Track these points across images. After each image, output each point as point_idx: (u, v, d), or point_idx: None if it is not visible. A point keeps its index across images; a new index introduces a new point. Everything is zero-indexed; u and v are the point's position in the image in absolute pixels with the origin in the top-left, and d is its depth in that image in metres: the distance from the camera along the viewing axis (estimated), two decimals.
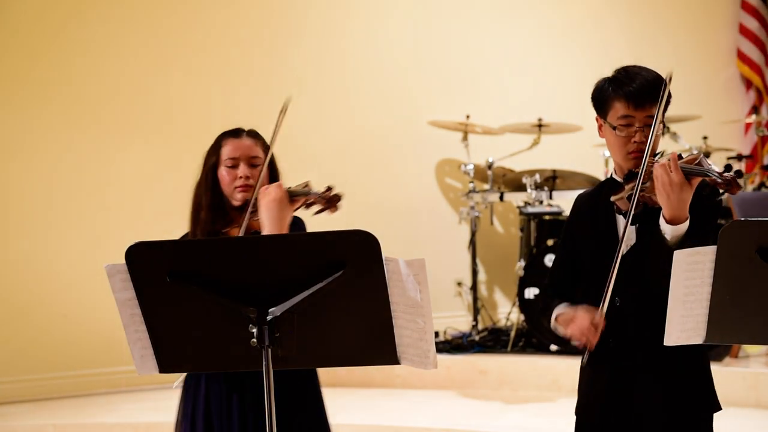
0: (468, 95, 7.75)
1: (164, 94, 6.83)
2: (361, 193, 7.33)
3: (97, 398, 6.37)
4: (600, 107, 3.06)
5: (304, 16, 7.36)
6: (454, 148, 7.49)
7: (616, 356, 2.97)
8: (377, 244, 2.38)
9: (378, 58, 7.55)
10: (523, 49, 8.14)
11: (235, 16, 7.10)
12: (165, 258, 2.46)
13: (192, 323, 2.52)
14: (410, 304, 2.40)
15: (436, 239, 7.61)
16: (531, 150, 7.27)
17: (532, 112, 7.28)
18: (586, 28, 8.41)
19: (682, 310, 2.48)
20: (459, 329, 7.23)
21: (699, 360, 2.98)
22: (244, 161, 3.26)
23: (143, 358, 2.54)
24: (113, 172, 6.69)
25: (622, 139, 2.97)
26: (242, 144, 3.28)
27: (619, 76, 3.02)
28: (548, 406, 6.01)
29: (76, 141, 6.61)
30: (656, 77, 2.98)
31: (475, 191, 7.12)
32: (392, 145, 7.58)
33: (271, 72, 7.14)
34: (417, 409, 6.05)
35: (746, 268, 2.40)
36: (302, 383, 3.29)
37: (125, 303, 2.49)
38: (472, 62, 7.91)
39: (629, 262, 2.91)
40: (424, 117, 7.44)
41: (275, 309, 2.43)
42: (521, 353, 6.65)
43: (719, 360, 6.15)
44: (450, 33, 7.86)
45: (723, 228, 2.41)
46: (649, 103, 2.94)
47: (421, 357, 2.43)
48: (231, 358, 2.61)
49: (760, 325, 2.48)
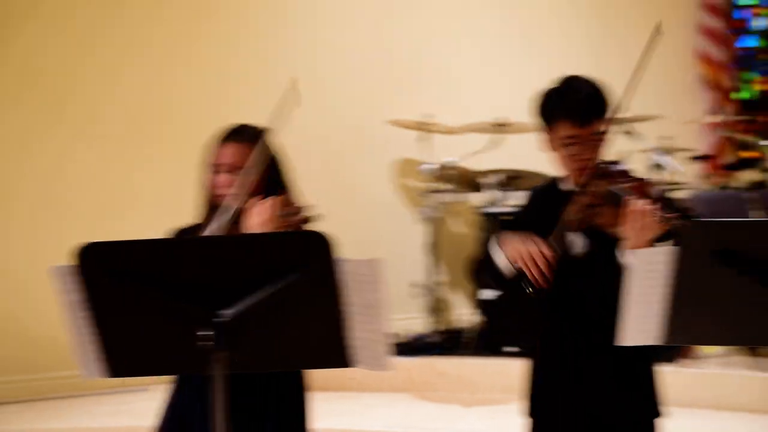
0: (427, 94, 7.72)
1: (121, 91, 6.74)
2: (317, 193, 7.19)
3: (44, 403, 6.24)
4: (543, 123, 3.03)
5: (274, 16, 7.29)
6: (413, 147, 7.45)
7: (569, 337, 2.95)
8: (331, 245, 2.35)
9: (336, 57, 7.50)
10: (483, 48, 8.12)
11: (194, 14, 7.02)
12: (112, 259, 2.41)
13: (141, 326, 2.48)
14: (366, 305, 2.37)
15: (393, 240, 7.57)
16: (490, 150, 7.25)
17: (492, 111, 7.26)
18: (546, 28, 8.41)
19: (638, 311, 2.46)
20: (416, 331, 7.19)
21: (647, 364, 2.97)
22: (225, 169, 3.11)
23: (90, 363, 2.50)
24: (63, 171, 6.58)
25: (568, 157, 2.94)
26: (224, 152, 3.13)
27: (560, 92, 2.98)
28: (506, 408, 5.96)
29: (26, 140, 6.50)
30: (595, 89, 2.97)
31: (434, 191, 7.09)
32: (350, 145, 7.53)
33: (228, 73, 7.07)
34: (373, 412, 6.01)
35: (703, 269, 2.38)
36: (292, 394, 3.18)
37: (71, 305, 2.44)
38: (431, 61, 7.88)
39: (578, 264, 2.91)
40: (382, 116, 7.39)
41: (227, 311, 2.39)
42: (479, 355, 6.62)
43: (671, 361, 6.15)
44: (409, 32, 7.82)
45: (670, 223, 2.40)
46: (594, 120, 2.92)
47: (376, 359, 2.40)
48: (182, 362, 2.56)
49: (717, 326, 2.47)
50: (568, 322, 2.95)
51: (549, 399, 3.01)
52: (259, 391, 3.06)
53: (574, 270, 2.94)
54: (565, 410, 2.97)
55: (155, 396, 3.17)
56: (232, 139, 3.15)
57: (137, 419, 5.58)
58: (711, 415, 5.75)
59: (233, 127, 3.21)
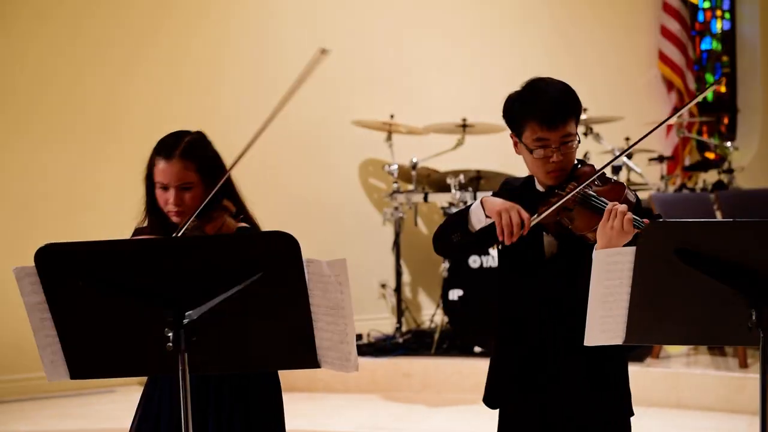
0: (392, 95, 7.72)
1: (83, 91, 6.70)
2: (283, 193, 7.27)
3: (8, 405, 6.18)
4: (513, 126, 3.01)
5: (229, 17, 7.26)
6: (378, 148, 7.46)
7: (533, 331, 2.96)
8: (297, 246, 2.34)
9: (301, 56, 7.46)
10: (447, 48, 8.14)
11: (156, 16, 6.98)
12: (76, 260, 2.39)
13: (105, 327, 2.46)
14: (331, 306, 2.37)
15: (359, 240, 7.57)
16: (455, 150, 7.27)
17: (457, 112, 7.29)
18: (510, 29, 8.44)
19: (602, 311, 2.47)
20: (383, 332, 7.20)
21: (617, 362, 2.98)
22: (174, 187, 3.01)
23: (54, 364, 2.48)
24: (28, 170, 6.53)
25: (539, 159, 2.93)
26: (171, 169, 3.00)
27: (527, 95, 2.95)
28: (472, 409, 5.99)
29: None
30: (564, 91, 2.94)
31: (399, 192, 7.10)
32: (315, 145, 7.52)
33: (197, 71, 7.04)
34: (340, 413, 6.01)
35: (665, 269, 2.40)
36: (264, 397, 3.13)
37: (35, 307, 2.43)
38: (397, 62, 7.88)
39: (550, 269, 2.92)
40: (347, 116, 7.39)
41: (192, 312, 2.38)
42: (445, 355, 6.63)
43: (640, 360, 6.20)
44: (374, 32, 7.82)
45: (642, 228, 2.41)
46: (563, 122, 2.90)
47: (342, 360, 2.40)
48: (146, 363, 2.56)
49: (680, 325, 2.48)
50: (542, 323, 2.95)
51: (522, 398, 3.01)
52: (228, 392, 3.04)
53: (547, 271, 2.94)
54: (540, 409, 2.97)
55: (121, 398, 3.15)
56: (178, 155, 3.02)
57: (103, 421, 5.54)
58: (675, 414, 5.78)
59: (168, 142, 3.07)
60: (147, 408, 3.14)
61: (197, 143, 3.09)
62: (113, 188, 6.52)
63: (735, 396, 5.81)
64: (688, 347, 6.53)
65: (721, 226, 2.60)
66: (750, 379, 5.81)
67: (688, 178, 8.84)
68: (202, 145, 3.10)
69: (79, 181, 6.63)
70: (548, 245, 2.94)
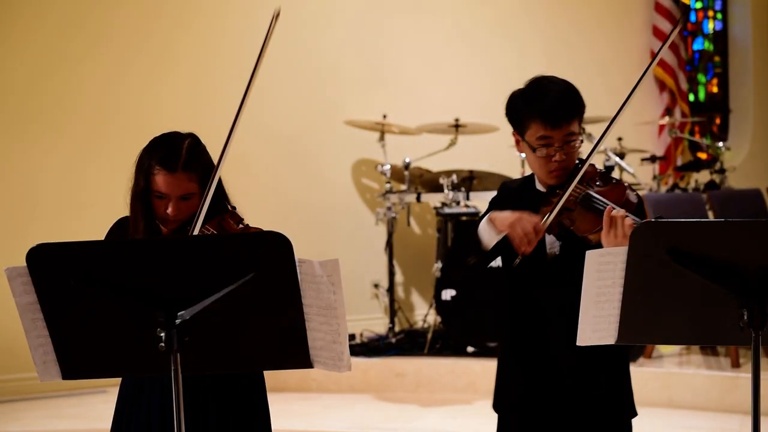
0: (385, 95, 7.72)
1: (78, 91, 6.68)
2: (276, 193, 7.26)
3: (0, 406, 6.17)
4: (516, 124, 2.99)
5: (221, 17, 7.25)
6: (371, 148, 7.45)
7: (539, 344, 2.95)
8: (289, 246, 2.34)
9: (294, 57, 7.48)
10: (440, 48, 8.13)
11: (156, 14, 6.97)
12: (68, 260, 2.38)
13: (97, 328, 2.45)
14: (324, 306, 2.37)
15: (352, 240, 7.56)
16: (448, 150, 7.27)
17: (449, 112, 7.28)
18: (503, 29, 8.44)
19: (595, 311, 2.47)
20: (375, 332, 7.19)
21: (619, 363, 2.98)
22: (174, 198, 2.97)
23: (46, 365, 2.47)
24: (19, 171, 6.51)
25: (542, 158, 2.93)
26: (174, 182, 2.95)
27: (531, 93, 2.94)
28: (465, 408, 6.01)
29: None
30: (568, 90, 2.94)
31: (392, 192, 7.09)
32: (308, 145, 7.51)
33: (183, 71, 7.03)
34: (333, 413, 6.01)
35: (657, 269, 2.40)
36: (248, 395, 3.11)
37: (26, 307, 2.42)
38: (389, 62, 7.88)
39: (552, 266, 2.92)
40: (340, 116, 7.38)
41: (184, 312, 2.37)
42: (438, 355, 6.63)
43: (634, 360, 6.20)
44: (366, 32, 7.82)
45: (634, 229, 2.41)
46: (566, 121, 2.89)
47: (335, 360, 2.39)
48: (138, 364, 2.54)
49: (672, 325, 2.49)
50: (546, 324, 2.95)
51: (526, 397, 3.00)
52: (217, 392, 3.03)
53: (550, 271, 2.94)
54: (544, 408, 2.97)
55: (113, 398, 3.13)
56: (181, 168, 2.97)
57: (95, 422, 5.54)
58: (667, 413, 5.79)
59: (168, 153, 2.99)
60: (125, 411, 3.09)
61: (196, 151, 3.05)
62: (105, 188, 6.47)
63: (727, 395, 5.82)
64: (681, 347, 6.54)
65: (713, 226, 2.60)
66: (742, 379, 5.83)
67: (680, 178, 8.85)
68: (199, 151, 3.06)
69: (71, 182, 6.62)
70: (550, 246, 2.93)
